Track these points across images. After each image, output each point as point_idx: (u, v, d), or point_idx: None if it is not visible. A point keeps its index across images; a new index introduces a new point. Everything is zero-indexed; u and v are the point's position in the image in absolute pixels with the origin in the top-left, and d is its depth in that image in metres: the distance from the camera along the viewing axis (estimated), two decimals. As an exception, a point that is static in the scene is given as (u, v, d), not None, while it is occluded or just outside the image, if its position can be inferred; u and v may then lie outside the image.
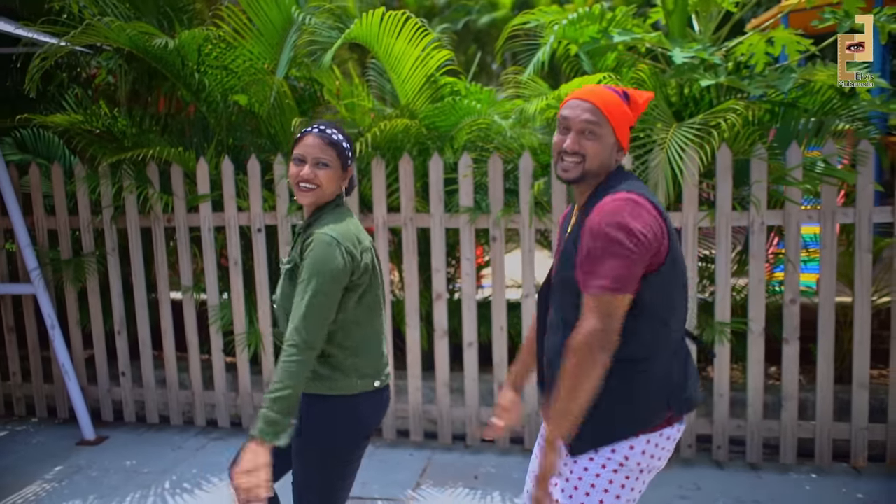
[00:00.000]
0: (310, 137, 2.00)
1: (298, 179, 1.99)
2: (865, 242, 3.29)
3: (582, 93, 1.73)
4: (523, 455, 3.73)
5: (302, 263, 1.91)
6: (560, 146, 1.73)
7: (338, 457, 1.98)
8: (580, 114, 1.70)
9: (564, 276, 1.74)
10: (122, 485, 3.51)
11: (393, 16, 3.56)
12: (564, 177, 1.74)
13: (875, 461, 3.50)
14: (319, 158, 1.99)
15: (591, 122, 1.69)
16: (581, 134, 1.70)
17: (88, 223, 4.12)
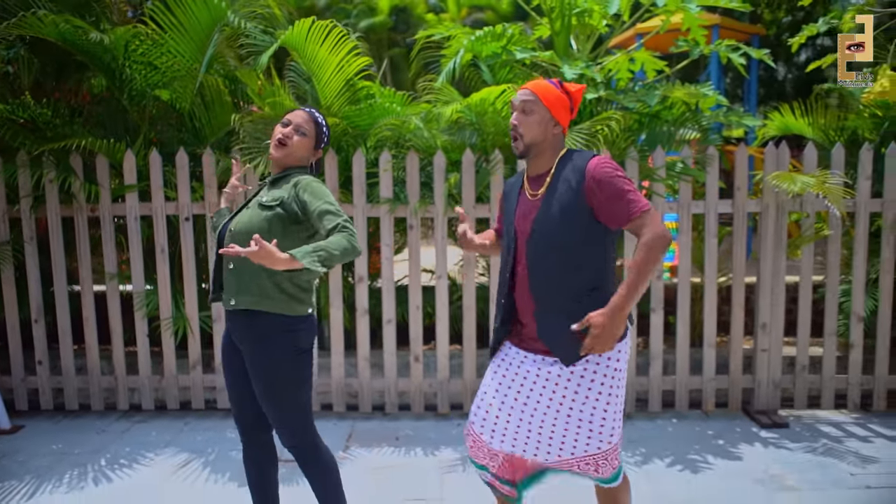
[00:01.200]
0: (300, 111, 2.45)
1: (278, 135, 2.40)
2: (713, 229, 4.08)
3: (527, 84, 2.25)
4: (436, 419, 4.21)
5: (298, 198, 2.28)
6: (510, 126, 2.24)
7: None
8: (520, 96, 2.22)
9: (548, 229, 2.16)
10: (56, 465, 3.61)
11: (320, 25, 3.93)
12: (516, 153, 2.24)
13: (720, 407, 4.32)
14: (301, 127, 2.41)
15: (526, 102, 2.20)
16: (520, 112, 2.20)
17: (4, 212, 4.12)
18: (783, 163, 4.05)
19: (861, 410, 4.26)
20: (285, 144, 2.39)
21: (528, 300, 2.23)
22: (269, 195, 2.36)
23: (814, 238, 4.08)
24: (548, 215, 2.17)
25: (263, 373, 2.32)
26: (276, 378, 2.31)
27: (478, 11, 14.54)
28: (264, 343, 2.31)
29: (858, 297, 4.13)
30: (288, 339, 2.32)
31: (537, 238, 2.19)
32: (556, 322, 2.15)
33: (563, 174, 2.19)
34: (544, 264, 2.18)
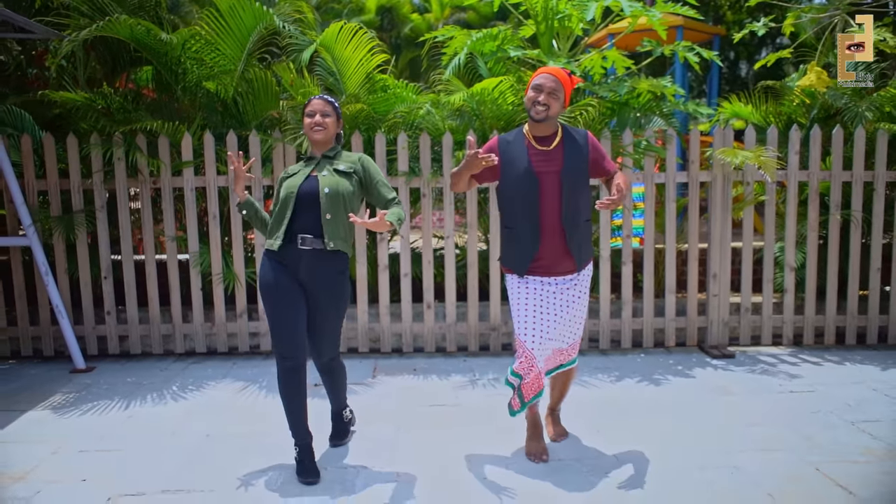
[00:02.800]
0: (315, 100, 3.12)
1: (313, 124, 3.06)
2: (672, 195, 4.97)
3: (549, 70, 3.00)
4: (445, 357, 5.04)
5: (364, 169, 3.11)
6: (534, 99, 2.95)
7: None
8: (550, 83, 2.95)
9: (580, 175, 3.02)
10: (136, 391, 4.38)
11: (348, 27, 4.74)
12: (537, 117, 2.95)
13: (680, 346, 5.21)
14: (324, 111, 3.09)
15: (556, 89, 2.95)
16: (549, 94, 2.94)
17: (79, 185, 4.87)
18: (728, 141, 4.94)
19: (794, 345, 5.18)
20: (324, 128, 3.07)
21: (556, 227, 3.01)
22: (343, 164, 3.08)
23: (753, 202, 4.98)
24: (574, 163, 3.01)
25: (338, 298, 3.07)
26: (343, 301, 3.10)
27: (460, 11, 15.36)
28: (343, 275, 3.07)
29: (790, 251, 5.05)
30: (348, 271, 3.14)
31: (571, 177, 3.00)
32: (580, 239, 3.09)
33: (570, 137, 3.06)
34: (573, 199, 3.02)
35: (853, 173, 4.98)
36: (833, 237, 5.03)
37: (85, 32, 4.30)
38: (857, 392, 4.16)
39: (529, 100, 2.99)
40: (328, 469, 3.18)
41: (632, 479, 3.04)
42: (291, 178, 3.11)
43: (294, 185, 3.05)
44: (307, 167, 3.12)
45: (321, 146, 3.13)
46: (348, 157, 3.17)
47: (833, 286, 5.08)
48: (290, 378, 2.99)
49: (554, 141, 3.05)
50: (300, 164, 3.16)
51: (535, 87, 2.99)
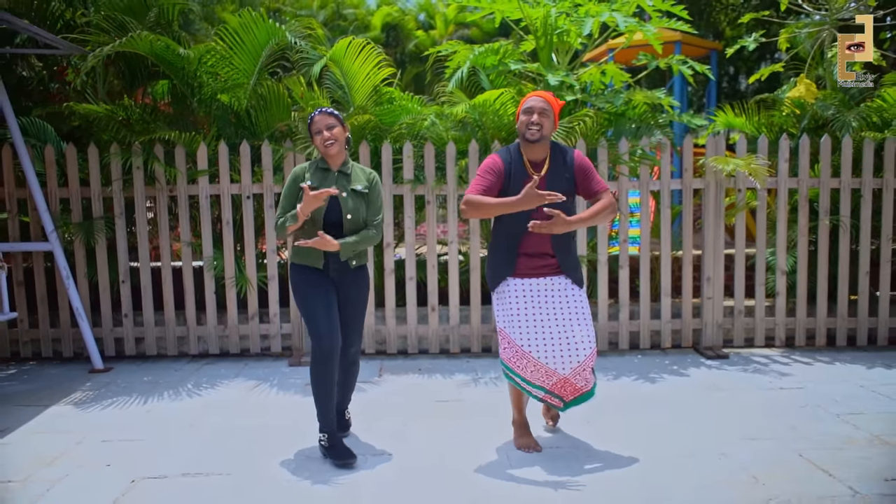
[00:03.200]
0: (318, 116, 3.26)
1: (324, 140, 3.21)
2: (667, 201, 5.17)
3: (537, 93, 3.24)
4: (448, 358, 5.23)
5: (372, 191, 3.32)
6: (528, 121, 3.15)
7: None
8: (540, 104, 3.17)
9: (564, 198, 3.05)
10: (153, 389, 4.58)
11: (356, 43, 4.99)
12: (532, 137, 3.13)
13: (675, 348, 5.39)
14: (330, 124, 3.24)
15: (546, 109, 3.17)
16: (540, 114, 3.15)
17: (99, 193, 5.10)
18: (720, 150, 5.15)
19: (786, 347, 5.35)
20: (335, 140, 3.23)
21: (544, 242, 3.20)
22: (359, 184, 3.29)
23: (744, 208, 5.18)
24: (557, 188, 3.16)
25: (365, 290, 3.44)
26: (368, 292, 3.48)
27: (464, 28, 15.69)
28: (366, 282, 3.44)
29: (781, 255, 5.24)
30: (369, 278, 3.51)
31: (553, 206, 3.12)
32: (569, 255, 3.27)
33: (557, 161, 3.24)
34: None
35: (841, 180, 5.18)
36: (822, 242, 5.22)
37: (108, 48, 4.55)
38: (844, 389, 4.33)
39: (523, 123, 3.18)
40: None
41: (623, 464, 3.21)
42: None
43: (319, 212, 3.24)
44: (324, 181, 3.27)
45: (337, 158, 3.30)
46: (361, 173, 3.37)
47: (823, 289, 5.26)
48: (326, 361, 3.18)
49: (544, 167, 3.24)
50: (316, 172, 3.29)
51: (526, 111, 3.19)
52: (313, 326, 3.21)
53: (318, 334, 3.19)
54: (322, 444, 3.31)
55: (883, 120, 5.41)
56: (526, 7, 5.42)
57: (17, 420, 3.97)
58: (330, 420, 3.28)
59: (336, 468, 3.20)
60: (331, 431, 3.29)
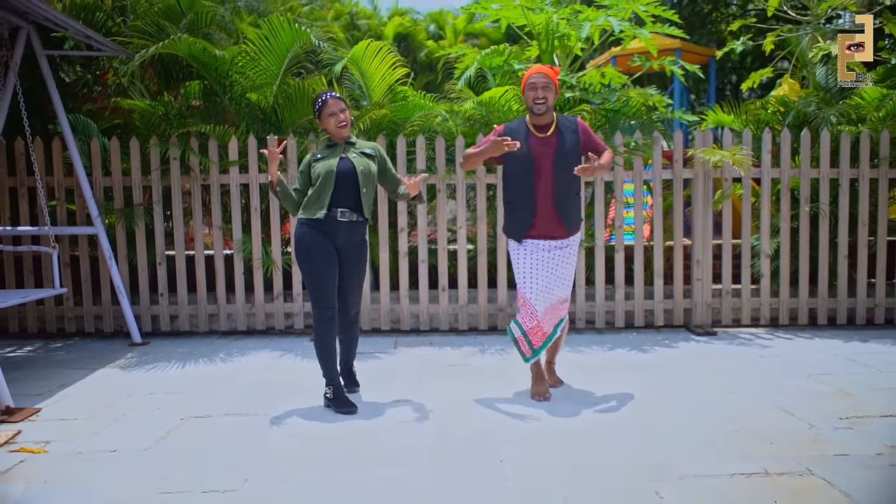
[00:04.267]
0: (332, 100, 3.69)
1: (339, 122, 3.67)
2: (659, 189, 5.62)
3: (537, 69, 3.65)
4: (457, 335, 5.67)
5: (381, 157, 3.84)
6: (534, 96, 3.60)
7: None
8: (541, 79, 3.60)
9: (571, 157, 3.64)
10: (188, 357, 5.04)
11: (374, 45, 5.48)
12: (539, 111, 3.60)
13: (668, 326, 5.81)
14: (343, 107, 3.71)
15: (548, 83, 3.61)
16: (544, 89, 3.60)
17: (140, 182, 5.60)
18: (708, 142, 5.60)
19: (771, 326, 5.76)
20: (346, 122, 3.71)
21: (549, 200, 3.65)
22: (367, 148, 3.78)
23: (730, 196, 5.61)
24: (565, 148, 3.66)
25: (364, 259, 3.83)
26: (366, 261, 3.87)
27: (473, 38, 16.25)
28: (366, 240, 3.84)
29: (765, 240, 5.66)
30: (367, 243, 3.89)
31: (563, 157, 3.65)
32: (569, 210, 3.72)
33: (563, 125, 3.73)
34: (564, 177, 3.66)
35: (820, 171, 5.60)
36: (804, 228, 5.63)
37: (153, 49, 5.05)
38: (819, 356, 4.75)
39: (529, 98, 3.65)
40: (360, 403, 3.82)
41: (611, 409, 3.65)
42: (323, 160, 3.68)
43: (331, 165, 3.64)
44: (334, 151, 3.72)
45: (342, 137, 3.75)
46: (365, 143, 3.84)
47: (805, 272, 5.67)
48: (329, 325, 3.65)
49: (550, 128, 3.71)
50: (325, 149, 3.75)
51: (531, 87, 3.64)
52: (317, 295, 3.61)
53: (322, 304, 3.61)
54: (326, 397, 3.72)
55: (859, 116, 5.84)
56: (529, 14, 5.89)
57: (71, 378, 4.44)
58: (334, 373, 3.70)
59: (348, 414, 3.63)
60: (336, 385, 3.70)
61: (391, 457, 3.02)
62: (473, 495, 2.62)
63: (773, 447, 3.05)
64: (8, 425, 3.51)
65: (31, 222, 5.70)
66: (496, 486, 2.69)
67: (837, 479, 2.70)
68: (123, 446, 3.20)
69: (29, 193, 5.68)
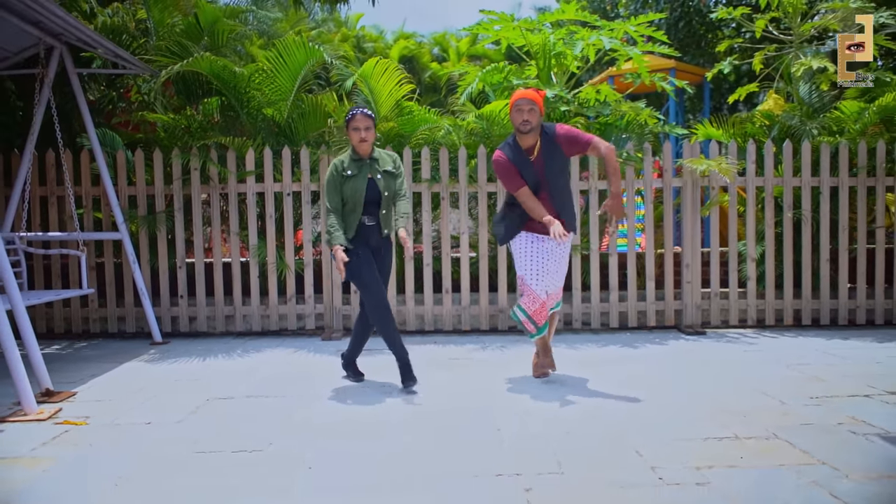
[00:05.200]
0: (360, 116, 4.01)
1: (361, 139, 4.00)
2: (650, 197, 5.97)
3: (522, 94, 3.96)
4: (460, 335, 5.98)
5: (398, 170, 4.17)
6: (520, 118, 3.93)
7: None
8: (525, 104, 3.93)
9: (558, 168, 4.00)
10: (208, 352, 5.37)
11: (383, 63, 5.89)
12: (524, 129, 3.93)
13: (659, 327, 6.12)
14: (368, 125, 4.03)
15: (533, 107, 3.93)
16: (529, 111, 3.93)
17: (162, 190, 5.97)
18: (696, 153, 5.96)
19: (758, 326, 6.07)
20: (367, 140, 4.02)
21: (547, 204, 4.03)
22: (389, 165, 4.12)
23: (716, 203, 5.96)
24: (552, 164, 4.01)
25: (392, 252, 4.27)
26: (391, 261, 4.28)
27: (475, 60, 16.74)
28: (391, 245, 4.27)
29: (751, 244, 5.99)
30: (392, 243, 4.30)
31: (552, 175, 4.02)
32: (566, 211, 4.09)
33: (545, 141, 4.03)
34: (557, 186, 4.04)
35: (802, 179, 5.95)
36: (787, 233, 5.97)
37: (178, 66, 5.46)
38: (800, 352, 5.05)
39: (516, 119, 4.00)
40: (374, 387, 4.15)
41: (602, 392, 3.96)
42: (353, 179, 4.03)
43: (360, 189, 4.03)
44: (360, 168, 4.06)
45: (367, 151, 4.09)
46: (387, 157, 4.18)
47: (789, 274, 6.00)
48: (387, 313, 4.02)
49: (534, 151, 4.04)
50: (351, 163, 4.06)
51: (517, 109, 3.99)
52: (371, 291, 3.97)
53: (378, 299, 3.98)
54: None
55: (839, 128, 6.20)
56: (528, 34, 6.29)
57: (100, 370, 4.78)
58: (403, 350, 4.06)
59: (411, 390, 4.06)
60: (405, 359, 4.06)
61: (398, 430, 3.34)
62: (472, 455, 2.93)
63: (746, 419, 3.36)
64: (49, 405, 3.84)
65: (60, 229, 6.07)
66: (494, 448, 3.01)
67: (799, 440, 3.01)
68: (157, 420, 3.53)
69: (57, 202, 6.06)
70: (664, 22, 12.51)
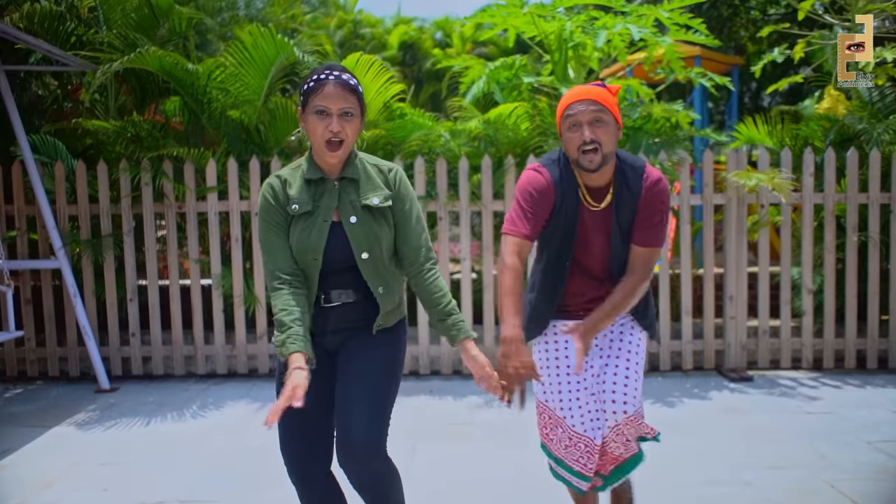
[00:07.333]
0: (330, 86, 1.92)
1: (329, 135, 1.92)
2: (687, 217, 5.01)
3: (578, 93, 2.14)
4: (461, 379, 5.06)
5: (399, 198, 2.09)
6: (578, 142, 2.09)
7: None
8: (586, 108, 2.08)
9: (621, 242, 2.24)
10: (157, 410, 4.47)
11: (365, 59, 4.93)
12: (590, 167, 2.10)
13: (697, 369, 5.18)
14: (344, 108, 1.92)
15: (602, 115, 2.09)
16: (592, 125, 2.07)
17: (108, 210, 5.05)
18: (742, 164, 4.99)
19: (814, 369, 5.12)
20: (342, 142, 1.96)
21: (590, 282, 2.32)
22: (374, 193, 2.05)
23: (767, 224, 5.00)
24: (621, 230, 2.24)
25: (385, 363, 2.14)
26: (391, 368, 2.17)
27: (481, 46, 15.69)
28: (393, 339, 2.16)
29: (807, 273, 5.03)
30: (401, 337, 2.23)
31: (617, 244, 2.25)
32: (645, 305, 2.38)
33: (622, 185, 2.21)
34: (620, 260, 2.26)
35: (869, 195, 4.97)
36: (851, 259, 5.01)
37: (116, 64, 4.52)
38: (876, 414, 4.11)
39: (571, 144, 2.14)
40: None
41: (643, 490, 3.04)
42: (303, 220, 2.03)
43: (313, 246, 2.02)
44: (319, 198, 2.05)
45: (338, 166, 2.05)
46: (376, 173, 2.10)
47: (852, 309, 5.04)
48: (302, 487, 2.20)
49: (605, 197, 2.23)
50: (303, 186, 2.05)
51: (572, 124, 2.13)
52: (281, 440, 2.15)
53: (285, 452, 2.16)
54: None
55: (914, 133, 5.22)
56: (541, 22, 5.31)
57: (19, 441, 3.89)
58: None
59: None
60: None
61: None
62: None
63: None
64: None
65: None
66: None
67: None
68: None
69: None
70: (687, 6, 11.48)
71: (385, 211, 2.07)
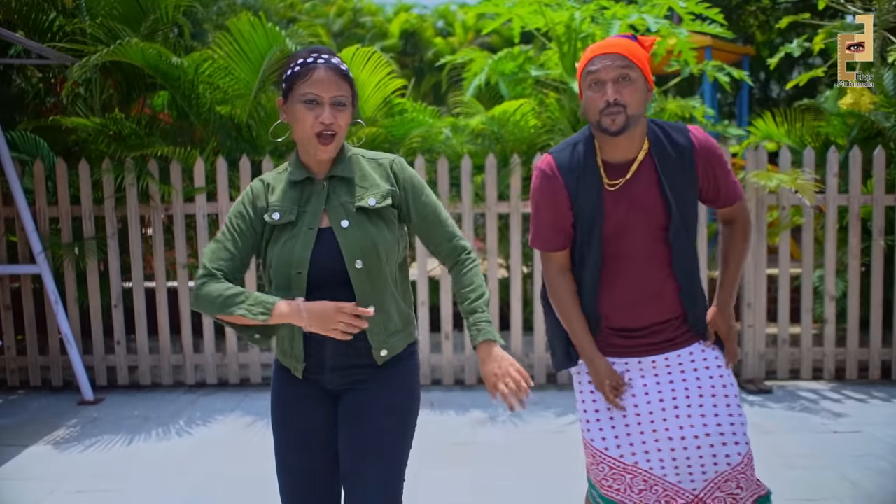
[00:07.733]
0: (321, 71, 1.71)
1: (320, 127, 1.70)
2: (703, 218, 4.72)
3: (602, 46, 1.84)
4: (463, 390, 4.81)
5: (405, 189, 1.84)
6: (599, 102, 1.80)
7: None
8: (611, 63, 1.79)
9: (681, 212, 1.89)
10: (142, 425, 4.22)
11: (363, 51, 4.63)
12: (612, 128, 1.80)
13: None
14: (337, 97, 1.72)
15: (624, 67, 1.79)
16: (617, 83, 1.78)
17: (91, 211, 4.77)
18: (762, 163, 4.70)
19: (836, 380, 4.85)
20: (334, 134, 1.73)
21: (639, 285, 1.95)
22: (371, 191, 1.79)
23: (789, 226, 4.71)
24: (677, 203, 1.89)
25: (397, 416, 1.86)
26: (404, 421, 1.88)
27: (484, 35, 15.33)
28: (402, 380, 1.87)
29: (830, 278, 4.75)
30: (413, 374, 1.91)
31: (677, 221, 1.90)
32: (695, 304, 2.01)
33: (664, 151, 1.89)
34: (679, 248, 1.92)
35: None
36: (877, 264, 4.72)
37: (95, 57, 4.23)
38: (907, 433, 3.85)
39: (592, 104, 1.83)
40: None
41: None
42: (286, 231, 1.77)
43: (298, 259, 1.73)
44: (305, 203, 1.79)
45: (327, 163, 1.81)
46: (372, 168, 1.84)
47: (878, 317, 4.76)
48: None
49: (631, 168, 1.89)
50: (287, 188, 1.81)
51: (594, 81, 1.82)
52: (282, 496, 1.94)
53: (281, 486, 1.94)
54: None
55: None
56: (548, 11, 5.00)
57: (-10, 462, 3.64)
58: None
59: None
60: None
61: None
62: None
63: None
64: None
65: (-33, 258, 4.90)
66: None
67: None
68: None
69: (-37, 225, 4.88)
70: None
71: (385, 212, 1.80)
